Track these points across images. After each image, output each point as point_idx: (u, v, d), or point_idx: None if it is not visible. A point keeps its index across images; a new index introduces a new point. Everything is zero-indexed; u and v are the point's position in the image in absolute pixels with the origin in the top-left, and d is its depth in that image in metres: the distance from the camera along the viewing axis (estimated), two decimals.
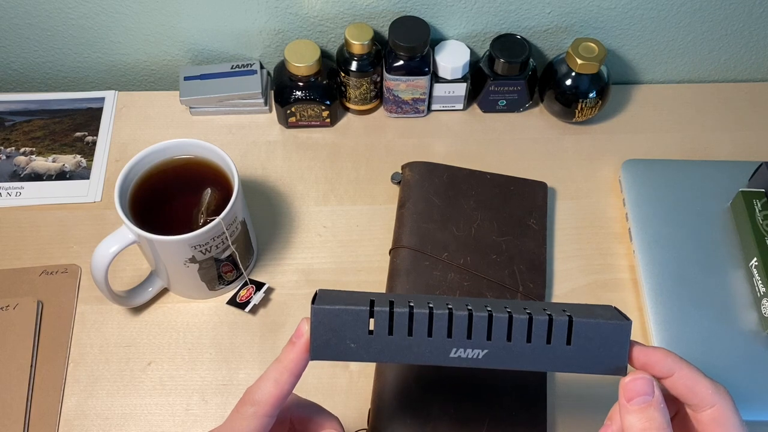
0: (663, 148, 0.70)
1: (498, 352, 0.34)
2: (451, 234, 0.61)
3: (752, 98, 0.75)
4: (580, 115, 0.69)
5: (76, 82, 0.76)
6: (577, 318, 0.34)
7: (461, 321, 0.34)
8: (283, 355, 0.38)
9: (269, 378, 0.37)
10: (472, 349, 0.34)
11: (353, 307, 0.34)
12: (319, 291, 0.37)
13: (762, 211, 0.60)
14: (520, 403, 0.53)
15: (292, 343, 0.38)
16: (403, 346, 0.34)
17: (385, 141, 0.70)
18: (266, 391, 0.37)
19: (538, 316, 0.34)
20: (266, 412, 0.37)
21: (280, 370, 0.37)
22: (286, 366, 0.37)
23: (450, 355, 0.34)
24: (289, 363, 0.37)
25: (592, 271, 0.62)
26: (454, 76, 0.68)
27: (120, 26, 0.70)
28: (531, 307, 0.35)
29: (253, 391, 0.37)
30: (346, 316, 0.34)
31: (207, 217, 0.53)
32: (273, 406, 0.37)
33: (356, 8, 0.68)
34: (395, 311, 0.34)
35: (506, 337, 0.34)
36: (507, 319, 0.34)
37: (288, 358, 0.37)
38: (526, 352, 0.34)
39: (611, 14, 0.69)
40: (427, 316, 0.34)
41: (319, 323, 0.35)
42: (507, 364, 0.35)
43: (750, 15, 0.70)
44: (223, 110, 0.71)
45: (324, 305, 0.34)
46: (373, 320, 0.34)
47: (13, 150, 0.69)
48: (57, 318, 0.58)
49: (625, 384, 0.34)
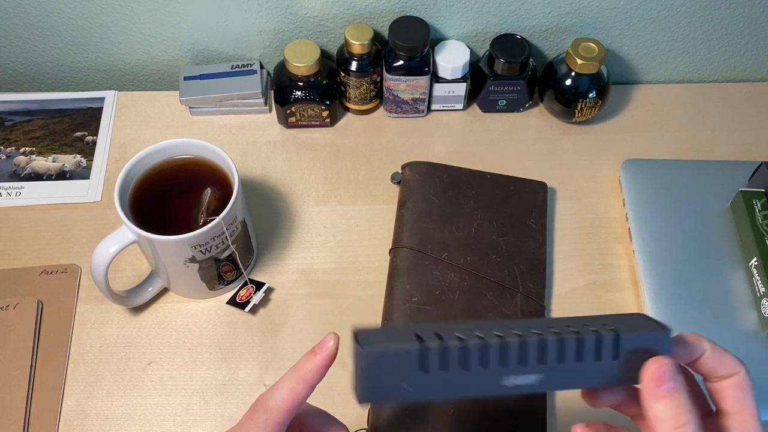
0: (663, 148, 0.70)
1: (551, 375, 0.34)
2: (451, 234, 0.61)
3: (752, 98, 0.75)
4: (580, 115, 0.69)
5: (76, 82, 0.76)
6: (623, 333, 0.34)
7: (514, 348, 0.33)
8: (301, 364, 0.38)
9: (284, 386, 0.37)
10: (525, 375, 0.34)
11: (404, 345, 0.32)
12: (356, 331, 0.34)
13: (762, 211, 0.60)
14: (520, 403, 0.53)
15: (313, 353, 0.38)
16: (457, 380, 0.33)
17: (385, 141, 0.70)
18: (280, 398, 0.37)
19: (587, 334, 0.34)
20: (278, 420, 0.37)
21: (297, 378, 0.37)
22: (303, 375, 0.37)
23: (505, 384, 0.34)
24: (307, 373, 0.37)
25: (591, 271, 0.62)
26: (454, 76, 0.68)
27: (120, 26, 0.70)
28: (574, 325, 0.35)
29: (266, 398, 0.37)
30: (397, 357, 0.32)
31: (207, 217, 0.53)
32: (286, 415, 0.37)
33: (356, 8, 0.68)
34: (449, 345, 0.32)
35: (558, 358, 0.34)
36: (558, 340, 0.33)
37: (306, 368, 0.37)
38: (578, 370, 0.34)
39: (611, 14, 0.69)
40: (479, 347, 0.33)
41: (371, 366, 0.32)
42: (561, 386, 0.35)
43: (750, 15, 0.70)
44: (223, 110, 0.71)
45: (373, 345, 0.32)
46: (425, 355, 0.33)
47: (13, 150, 0.69)
48: (57, 318, 0.58)
49: (651, 371, 0.33)
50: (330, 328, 0.58)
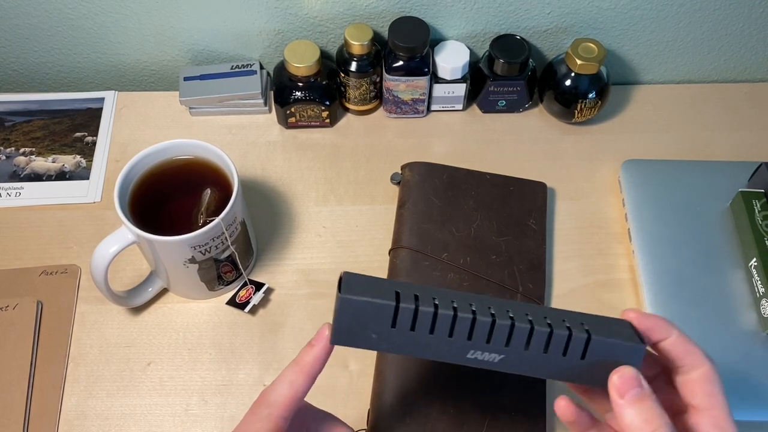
0: (662, 149, 0.70)
1: (514, 359, 0.35)
2: (450, 234, 0.61)
3: (752, 98, 0.75)
4: (579, 115, 0.69)
5: (75, 83, 0.76)
6: (596, 336, 0.35)
7: (483, 326, 0.34)
8: (299, 357, 0.38)
9: (284, 380, 0.38)
10: (490, 353, 0.35)
11: (379, 300, 0.34)
12: (344, 274, 0.36)
13: (761, 212, 0.60)
14: (520, 403, 0.53)
15: (311, 346, 0.38)
16: (423, 342, 0.35)
17: (384, 141, 0.70)
18: (281, 392, 0.37)
19: (558, 329, 0.35)
20: (281, 414, 0.37)
21: (296, 371, 0.38)
22: (302, 368, 0.38)
23: (467, 356, 0.35)
24: (306, 365, 0.38)
25: (591, 271, 0.62)
26: (453, 77, 0.68)
27: (120, 26, 0.70)
28: (551, 317, 0.35)
29: (268, 393, 0.38)
30: (371, 308, 0.34)
31: (207, 217, 0.53)
32: (287, 408, 0.37)
33: (356, 9, 0.68)
34: (420, 309, 0.34)
35: (524, 346, 0.35)
36: (528, 329, 0.34)
37: (305, 360, 0.38)
38: (541, 361, 0.35)
39: (611, 15, 0.69)
40: (450, 318, 0.34)
41: (343, 311, 0.35)
42: (520, 370, 0.36)
43: (750, 15, 0.70)
44: (222, 110, 0.71)
45: (351, 295, 0.34)
46: (396, 314, 0.35)
47: (13, 150, 0.69)
48: (57, 318, 0.58)
49: (615, 382, 0.35)
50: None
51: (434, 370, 0.54)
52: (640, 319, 0.37)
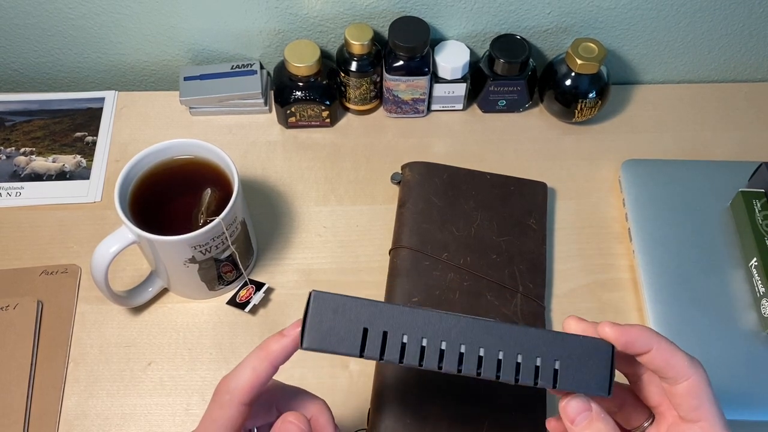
0: (663, 148, 0.70)
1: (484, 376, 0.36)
2: (450, 234, 0.61)
3: (752, 98, 0.75)
4: (579, 115, 0.69)
5: (76, 82, 0.76)
6: (561, 382, 0.35)
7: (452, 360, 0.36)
8: (266, 344, 0.37)
9: (247, 366, 0.37)
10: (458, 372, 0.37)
11: (342, 350, 0.35)
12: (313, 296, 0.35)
13: (762, 212, 0.60)
14: (520, 404, 0.53)
15: (281, 335, 0.37)
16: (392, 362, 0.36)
17: (384, 141, 0.70)
18: (242, 378, 0.37)
19: (525, 378, 0.35)
20: (242, 400, 0.37)
21: (261, 358, 0.37)
22: (267, 355, 0.37)
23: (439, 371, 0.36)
24: (271, 353, 0.37)
25: (591, 271, 0.62)
26: (453, 77, 0.68)
27: (120, 26, 0.70)
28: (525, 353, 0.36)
29: (229, 379, 0.37)
30: (338, 347, 0.35)
31: (207, 217, 0.53)
32: (248, 394, 0.37)
33: (356, 8, 0.68)
34: (384, 357, 0.35)
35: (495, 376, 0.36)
36: (493, 376, 0.36)
37: (271, 348, 0.37)
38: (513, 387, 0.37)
39: (611, 14, 0.69)
40: (417, 362, 0.35)
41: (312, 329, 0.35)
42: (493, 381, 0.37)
43: (750, 15, 0.70)
44: (223, 110, 0.71)
45: (315, 336, 0.35)
46: (363, 352, 0.35)
47: (13, 150, 0.69)
48: (57, 318, 0.58)
49: (564, 408, 0.36)
50: None
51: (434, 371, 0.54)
52: (618, 335, 0.36)
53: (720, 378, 0.54)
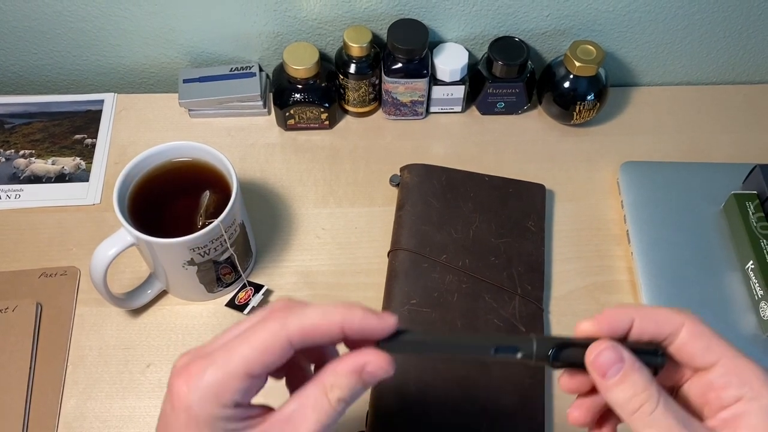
0: (661, 151, 0.70)
1: None
2: (449, 236, 0.61)
3: (750, 100, 0.75)
4: (578, 117, 0.69)
5: (75, 85, 0.76)
6: None
7: None
8: (357, 311, 0.32)
9: (320, 311, 0.32)
10: None
11: None
12: None
13: (755, 214, 0.60)
14: (518, 406, 0.53)
15: (377, 315, 0.32)
16: None
17: (383, 143, 0.70)
18: (309, 318, 0.32)
19: None
20: (292, 336, 0.31)
21: (340, 312, 0.32)
22: (350, 317, 0.32)
23: None
24: (355, 320, 0.32)
25: (590, 273, 0.62)
26: (452, 79, 0.68)
27: (119, 29, 0.70)
28: None
29: (291, 309, 0.32)
30: None
31: (206, 219, 0.53)
32: (304, 336, 0.31)
33: (355, 11, 0.68)
34: None
35: None
36: None
37: (358, 316, 0.32)
38: None
39: (609, 17, 0.70)
40: None
41: None
42: None
43: (748, 17, 0.71)
44: (222, 112, 0.71)
45: None
46: None
47: (13, 152, 0.69)
48: (56, 320, 0.58)
49: (592, 362, 0.32)
50: None
51: (433, 371, 0.54)
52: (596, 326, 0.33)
53: None
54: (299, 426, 0.32)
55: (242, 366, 0.30)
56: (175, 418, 0.31)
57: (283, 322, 0.31)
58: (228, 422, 0.31)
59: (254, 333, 0.31)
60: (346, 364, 0.32)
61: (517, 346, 0.33)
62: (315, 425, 0.32)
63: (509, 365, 0.54)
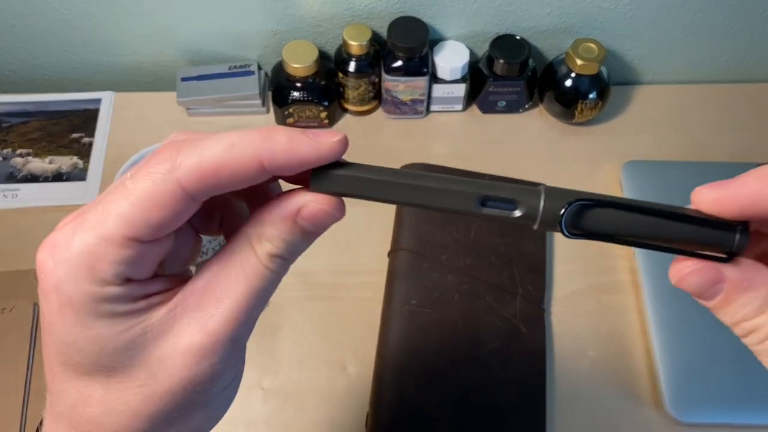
0: (664, 150, 0.70)
1: None
2: (450, 236, 0.60)
3: (753, 99, 0.74)
4: (580, 116, 0.69)
5: (73, 84, 0.76)
6: None
7: None
8: (268, 132, 0.23)
9: (222, 139, 0.23)
10: None
11: None
12: None
13: None
14: (519, 406, 0.53)
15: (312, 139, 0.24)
16: None
17: (383, 142, 0.70)
18: (207, 152, 0.23)
19: None
20: (187, 181, 0.22)
21: (250, 141, 0.23)
22: (262, 142, 0.23)
23: None
24: (271, 144, 0.23)
25: (591, 273, 0.61)
26: (453, 77, 0.68)
27: (117, 27, 0.69)
28: None
29: (181, 146, 0.23)
30: None
31: None
32: (201, 178, 0.23)
33: (354, 9, 0.68)
34: None
35: None
36: None
37: (276, 138, 0.23)
38: None
39: (611, 15, 0.69)
40: None
41: None
42: None
43: (751, 15, 0.70)
44: (220, 111, 0.71)
45: None
46: None
47: (10, 151, 0.68)
48: None
49: (678, 283, 0.25)
50: (328, 331, 0.58)
51: (434, 371, 0.53)
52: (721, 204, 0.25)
53: (723, 382, 0.54)
54: (222, 297, 0.24)
55: (120, 226, 0.22)
56: (48, 304, 0.23)
57: (171, 164, 0.22)
58: (115, 304, 0.22)
59: (135, 181, 0.22)
60: (276, 209, 0.25)
61: (516, 199, 0.24)
62: (244, 294, 0.24)
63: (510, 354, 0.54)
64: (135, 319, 0.23)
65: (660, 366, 0.54)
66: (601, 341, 0.58)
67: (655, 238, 0.25)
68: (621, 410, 0.54)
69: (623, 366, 0.56)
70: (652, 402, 0.55)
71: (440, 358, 0.54)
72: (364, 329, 0.57)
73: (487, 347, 0.55)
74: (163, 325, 0.23)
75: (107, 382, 0.23)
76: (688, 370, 0.54)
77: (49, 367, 0.24)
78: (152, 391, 0.23)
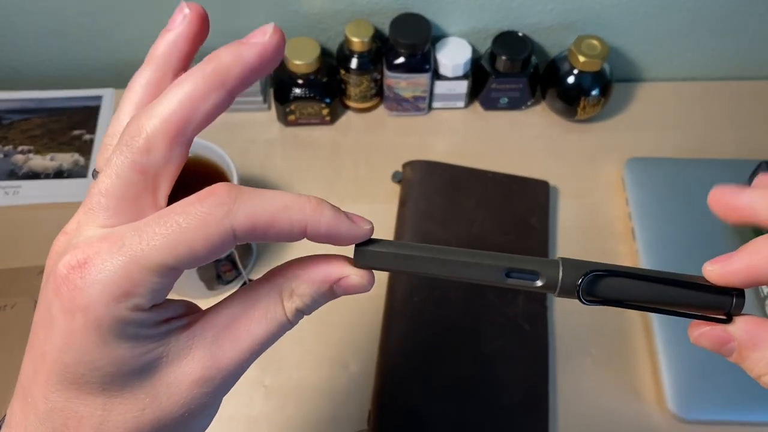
0: (667, 147, 0.70)
1: None
2: (452, 233, 0.60)
3: (757, 96, 0.74)
4: (582, 113, 0.69)
5: (74, 80, 0.76)
6: None
7: None
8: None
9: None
10: None
11: None
12: None
13: None
14: (522, 405, 0.52)
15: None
16: None
17: (385, 139, 0.70)
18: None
19: None
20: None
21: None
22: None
23: None
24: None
25: None
26: (455, 74, 0.68)
27: (118, 24, 0.69)
28: None
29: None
30: None
31: None
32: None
33: (356, 5, 0.67)
34: None
35: None
36: None
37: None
38: None
39: (614, 11, 0.69)
40: None
41: None
42: None
43: (754, 12, 0.70)
44: None
45: None
46: None
47: (11, 148, 0.68)
48: None
49: (695, 341, 0.27)
50: (329, 329, 0.58)
51: (435, 370, 0.53)
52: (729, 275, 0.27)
53: (726, 378, 0.53)
54: (242, 336, 0.25)
55: (165, 257, 0.22)
56: (68, 322, 0.22)
57: (229, 208, 0.23)
58: (140, 328, 0.23)
59: (188, 218, 0.23)
60: (318, 272, 0.26)
61: (537, 270, 0.27)
62: (262, 338, 0.26)
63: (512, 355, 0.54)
64: (155, 343, 0.23)
65: (663, 363, 0.54)
66: (603, 338, 0.57)
67: (662, 303, 0.28)
68: (624, 407, 0.54)
69: (626, 363, 0.56)
70: (654, 399, 0.54)
71: (442, 356, 0.54)
72: (366, 327, 0.57)
73: (490, 345, 0.55)
74: (180, 352, 0.24)
75: (110, 402, 0.23)
76: (691, 367, 0.54)
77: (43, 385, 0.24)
78: (152, 414, 0.24)
